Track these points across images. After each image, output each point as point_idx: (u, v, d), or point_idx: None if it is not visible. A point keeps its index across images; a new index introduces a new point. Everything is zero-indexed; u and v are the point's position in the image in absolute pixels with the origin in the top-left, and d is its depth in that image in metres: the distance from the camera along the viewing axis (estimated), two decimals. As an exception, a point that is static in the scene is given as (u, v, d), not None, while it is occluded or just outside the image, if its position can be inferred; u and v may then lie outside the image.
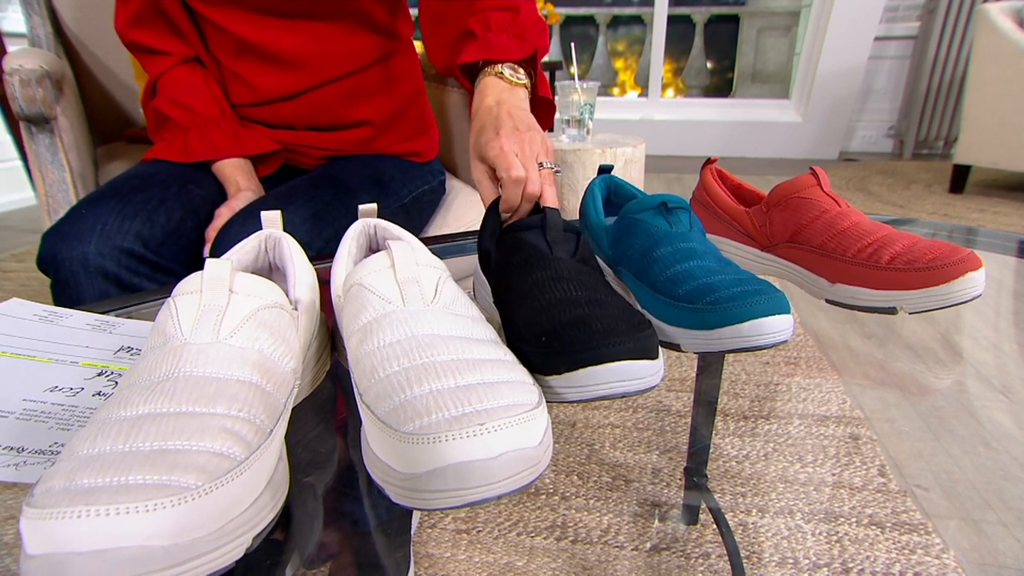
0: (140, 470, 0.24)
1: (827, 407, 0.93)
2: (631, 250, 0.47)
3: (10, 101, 0.76)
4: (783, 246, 0.53)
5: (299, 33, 0.77)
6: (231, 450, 0.26)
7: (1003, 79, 2.30)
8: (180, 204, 0.71)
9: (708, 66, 4.15)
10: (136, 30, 0.78)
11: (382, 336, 0.33)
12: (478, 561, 0.60)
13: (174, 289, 0.33)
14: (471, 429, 0.25)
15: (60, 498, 0.23)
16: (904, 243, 0.47)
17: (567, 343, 0.33)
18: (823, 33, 2.90)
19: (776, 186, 0.54)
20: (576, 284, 0.38)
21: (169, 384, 0.28)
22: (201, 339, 0.30)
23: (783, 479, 0.75)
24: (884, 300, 0.47)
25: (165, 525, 0.22)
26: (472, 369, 0.29)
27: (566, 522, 0.66)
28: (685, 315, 0.40)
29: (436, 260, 0.39)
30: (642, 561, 0.61)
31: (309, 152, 0.86)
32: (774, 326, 0.38)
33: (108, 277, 0.62)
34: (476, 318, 0.36)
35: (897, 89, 3.16)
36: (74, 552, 0.21)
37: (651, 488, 0.73)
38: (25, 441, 0.34)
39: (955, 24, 2.96)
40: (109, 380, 0.41)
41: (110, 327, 0.48)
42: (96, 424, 0.27)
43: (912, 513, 0.68)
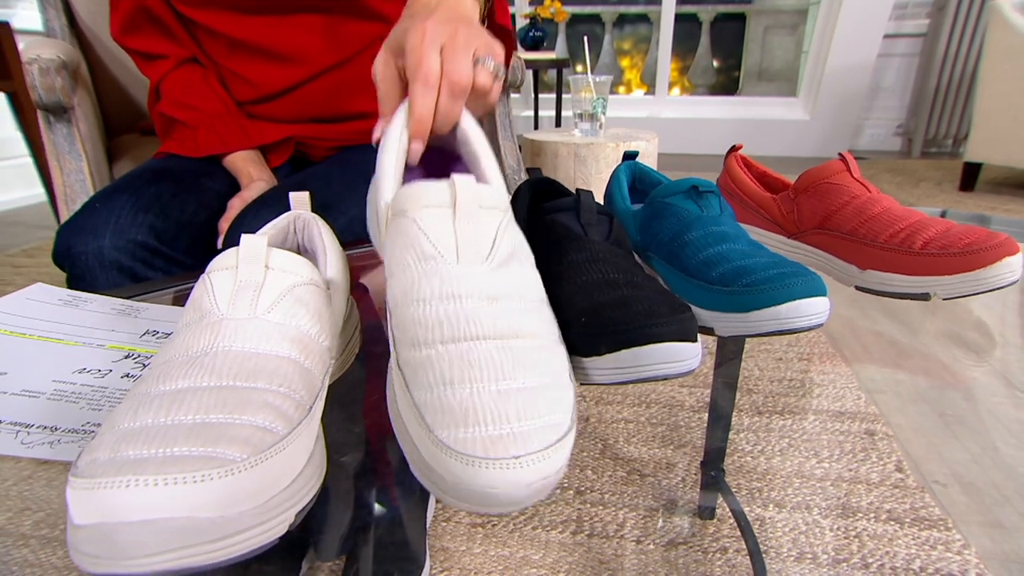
0: (185, 442, 0.23)
1: (842, 403, 0.92)
2: (661, 234, 0.46)
3: (29, 90, 0.76)
4: (811, 233, 0.53)
5: (287, 26, 0.76)
6: (273, 424, 0.26)
7: (1015, 75, 2.28)
8: (193, 197, 0.71)
9: (714, 64, 4.13)
10: (130, 36, 0.79)
11: (427, 290, 0.31)
12: (494, 555, 0.60)
13: (209, 265, 0.33)
14: (506, 461, 0.25)
15: (106, 468, 0.22)
16: (938, 228, 0.46)
17: (609, 324, 0.32)
18: (832, 30, 2.89)
19: (804, 172, 0.53)
20: (612, 266, 0.37)
21: (208, 359, 0.28)
22: (239, 314, 0.30)
23: (799, 474, 0.75)
24: (917, 286, 0.46)
25: (212, 496, 0.22)
26: (515, 365, 0.28)
27: (581, 516, 0.66)
28: (720, 298, 0.40)
29: (501, 198, 0.35)
30: (659, 556, 0.61)
31: (317, 144, 0.86)
32: (812, 308, 0.38)
33: (123, 270, 0.62)
34: (527, 272, 0.34)
35: (906, 87, 3.15)
36: (124, 522, 0.21)
37: (666, 483, 0.73)
38: (58, 421, 0.33)
39: (965, 21, 2.94)
40: (136, 363, 0.40)
41: (134, 311, 0.47)
42: (136, 398, 0.27)
43: (931, 509, 0.67)
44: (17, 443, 0.31)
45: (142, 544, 0.21)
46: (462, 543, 0.62)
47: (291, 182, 0.74)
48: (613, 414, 0.88)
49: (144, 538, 0.21)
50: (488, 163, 0.40)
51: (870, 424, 0.86)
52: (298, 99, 0.81)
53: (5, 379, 0.37)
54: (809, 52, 3.12)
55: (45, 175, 2.05)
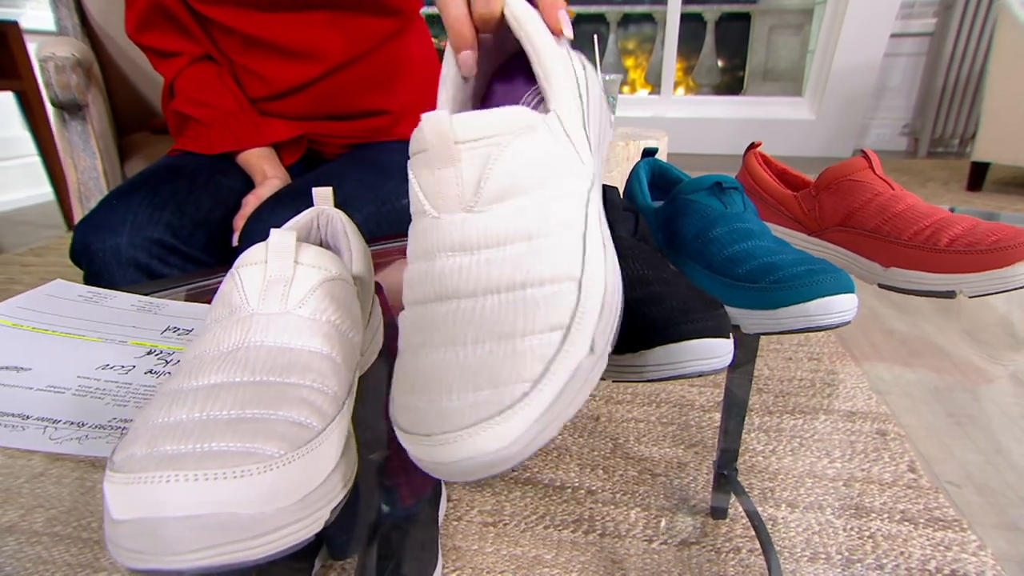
0: (222, 437, 0.23)
1: (853, 402, 0.92)
2: (684, 231, 0.46)
3: (44, 87, 0.76)
4: (833, 230, 0.52)
5: (301, 23, 0.76)
6: (308, 420, 0.25)
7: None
8: (208, 194, 0.70)
9: (719, 64, 4.13)
10: (145, 34, 0.79)
11: (413, 249, 0.30)
12: (506, 554, 0.60)
13: (237, 260, 0.32)
14: (421, 438, 0.24)
15: (145, 463, 0.22)
16: (964, 225, 0.46)
17: (643, 320, 0.32)
18: (838, 30, 2.88)
19: (826, 169, 0.53)
20: (642, 262, 0.37)
21: (240, 354, 0.28)
22: (269, 309, 0.30)
23: (811, 474, 0.74)
24: (942, 284, 0.46)
25: (253, 492, 0.22)
26: (471, 329, 0.26)
27: (593, 516, 0.66)
28: (747, 295, 0.40)
29: (492, 123, 0.29)
30: (672, 555, 0.61)
31: (331, 141, 0.86)
32: (841, 305, 0.38)
33: (140, 268, 0.62)
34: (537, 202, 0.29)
35: (912, 86, 3.14)
36: (166, 517, 0.21)
37: (678, 483, 0.72)
38: (85, 416, 0.33)
39: (973, 20, 2.93)
40: (159, 359, 0.40)
41: (155, 308, 0.47)
42: (168, 394, 0.26)
43: (945, 509, 0.67)
44: (46, 438, 0.31)
45: (184, 540, 0.21)
46: (474, 542, 0.61)
47: (306, 179, 0.74)
48: (623, 413, 0.88)
49: (186, 534, 0.21)
50: (547, 53, 0.33)
51: (882, 424, 0.85)
52: (312, 96, 0.80)
53: (30, 375, 0.36)
54: (815, 52, 3.11)
55: (53, 174, 2.05)
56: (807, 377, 1.00)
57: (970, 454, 0.81)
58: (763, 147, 0.60)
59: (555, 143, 0.30)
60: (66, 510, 0.68)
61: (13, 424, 0.32)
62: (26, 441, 0.31)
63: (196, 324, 0.45)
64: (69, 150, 0.81)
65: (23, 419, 0.32)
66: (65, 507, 0.69)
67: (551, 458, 0.75)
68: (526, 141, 0.29)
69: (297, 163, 0.83)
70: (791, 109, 3.18)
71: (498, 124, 0.29)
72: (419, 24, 0.88)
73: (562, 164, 0.30)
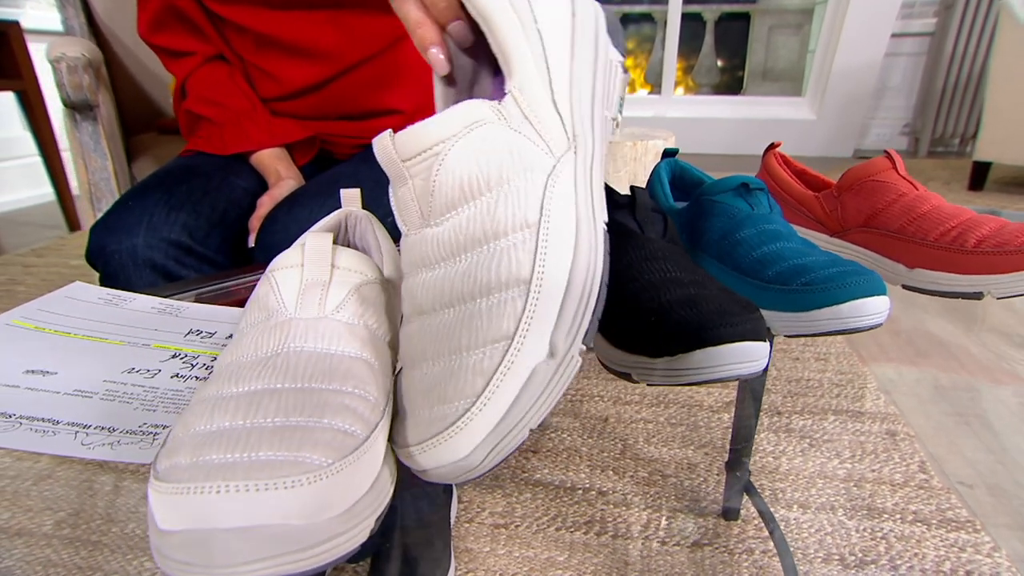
0: (269, 446, 0.23)
1: (861, 403, 0.92)
2: (710, 233, 0.45)
3: (56, 88, 0.75)
4: (856, 231, 0.52)
5: (315, 22, 0.76)
6: (352, 427, 0.25)
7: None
8: (223, 195, 0.70)
9: (719, 64, 4.13)
10: (158, 34, 0.79)
11: (402, 266, 0.31)
12: (518, 556, 0.59)
13: (271, 263, 0.32)
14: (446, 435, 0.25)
15: (193, 473, 0.22)
16: (991, 226, 0.46)
17: (680, 323, 0.32)
18: (839, 30, 2.88)
19: (848, 169, 0.53)
20: (674, 264, 0.37)
21: (280, 359, 0.27)
22: (307, 314, 0.29)
23: (822, 475, 0.74)
24: (970, 285, 0.46)
25: (303, 503, 0.21)
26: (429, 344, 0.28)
27: (604, 517, 0.65)
28: (777, 297, 0.39)
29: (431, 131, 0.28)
30: (685, 557, 0.60)
31: (343, 142, 0.85)
32: (874, 307, 0.37)
33: (156, 269, 0.61)
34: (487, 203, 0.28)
35: (912, 86, 3.14)
36: (218, 528, 0.21)
37: (688, 483, 0.72)
38: (114, 422, 0.33)
39: (973, 19, 2.93)
40: (184, 363, 0.40)
41: (175, 310, 0.47)
42: (208, 401, 0.26)
43: (958, 510, 0.67)
44: (77, 444, 0.30)
45: (236, 552, 0.21)
46: (486, 544, 0.61)
47: (321, 180, 0.73)
48: (632, 414, 0.87)
49: (237, 546, 0.21)
50: (499, 24, 0.31)
51: (891, 424, 0.85)
52: (324, 96, 0.80)
53: (56, 379, 0.36)
54: (816, 51, 3.11)
55: (54, 174, 2.04)
56: (815, 378, 1.00)
57: (980, 454, 0.81)
58: (764, 147, 0.60)
59: (507, 133, 0.28)
60: (73, 512, 0.68)
61: (44, 429, 0.31)
62: (58, 446, 0.30)
63: (219, 327, 0.44)
64: (80, 151, 0.80)
65: (53, 424, 0.32)
66: (72, 509, 0.68)
67: (561, 459, 0.74)
68: (468, 144, 0.28)
69: (309, 164, 0.83)
70: (792, 109, 3.18)
71: (438, 132, 0.28)
72: None
73: (513, 157, 0.28)
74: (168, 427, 0.33)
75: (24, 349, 0.39)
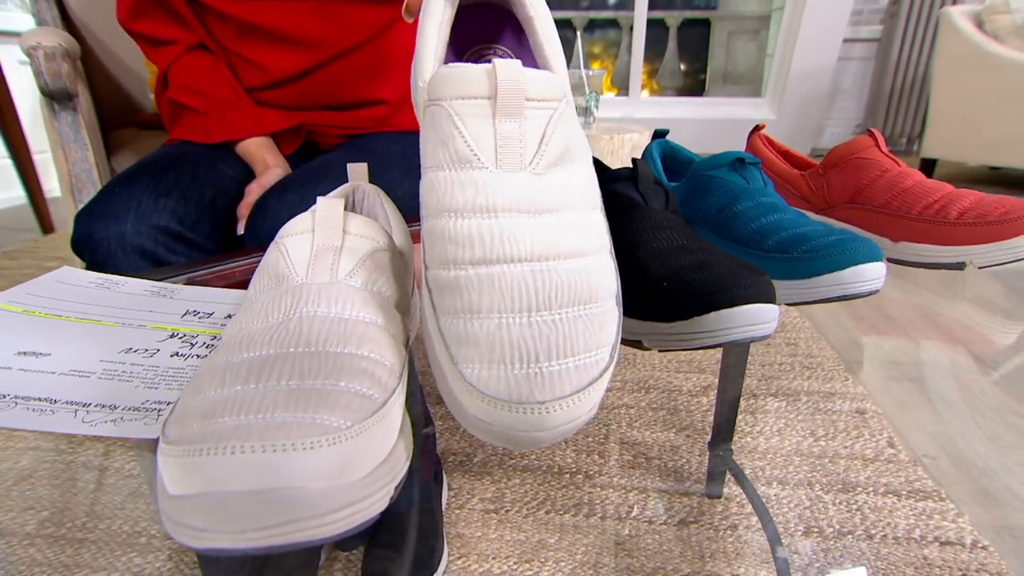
0: (284, 408, 0.21)
1: (831, 383, 0.93)
2: (707, 207, 0.45)
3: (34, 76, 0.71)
4: (841, 207, 0.52)
5: (299, 10, 0.73)
6: (370, 391, 0.23)
7: (966, 79, 2.34)
8: (211, 183, 0.67)
9: (682, 67, 4.17)
10: (138, 21, 0.75)
11: (460, 200, 0.26)
12: (510, 539, 0.58)
13: (280, 231, 0.30)
14: (531, 406, 0.22)
15: (206, 435, 0.20)
16: (971, 199, 0.46)
17: (694, 286, 0.31)
18: (796, 35, 2.93)
19: (833, 148, 0.53)
20: (680, 232, 0.36)
21: (293, 324, 0.25)
22: (319, 279, 0.27)
23: (798, 452, 0.75)
24: (952, 256, 0.46)
25: (322, 466, 0.20)
26: (552, 293, 0.25)
27: (592, 499, 0.65)
28: (778, 266, 0.39)
29: (553, 84, 0.28)
30: (672, 535, 0.60)
31: (328, 132, 0.83)
32: (873, 272, 0.37)
33: (146, 255, 0.58)
34: (579, 172, 0.28)
35: (863, 88, 3.21)
36: (231, 491, 0.19)
37: (672, 465, 0.72)
38: (115, 399, 0.30)
39: (916, 27, 3.02)
40: (183, 342, 0.37)
41: (169, 292, 0.44)
42: (218, 367, 0.24)
43: (924, 481, 0.68)
44: (78, 422, 0.28)
45: (251, 516, 0.19)
46: (477, 529, 0.60)
47: (310, 167, 0.71)
48: (614, 400, 0.87)
49: (254, 510, 0.19)
50: (544, 30, 0.32)
51: (859, 403, 0.87)
52: (308, 85, 0.77)
53: (50, 360, 0.33)
54: (774, 55, 3.16)
55: (26, 176, 1.96)
56: (786, 361, 1.01)
57: (941, 428, 0.83)
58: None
59: (574, 116, 0.30)
60: (58, 511, 0.65)
61: (41, 408, 0.29)
62: (57, 424, 0.28)
63: (217, 307, 0.42)
64: (59, 142, 0.76)
65: (51, 403, 0.29)
66: (57, 508, 0.65)
67: (546, 445, 0.74)
68: (568, 109, 0.28)
69: (294, 154, 0.80)
70: (753, 109, 3.23)
71: (560, 88, 0.28)
72: None
73: (582, 137, 0.30)
74: (171, 403, 0.30)
75: (14, 331, 0.36)
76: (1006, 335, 0.61)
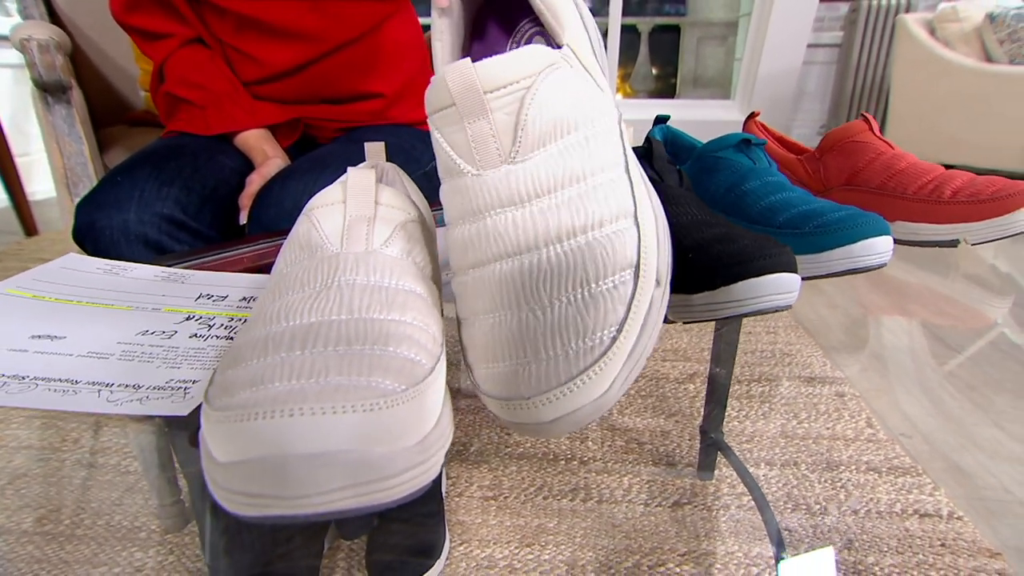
0: (338, 371, 0.20)
1: (811, 369, 0.95)
2: (715, 187, 0.44)
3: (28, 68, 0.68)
4: (839, 190, 0.52)
5: (296, 4, 0.72)
6: (419, 357, 0.22)
7: (922, 83, 2.40)
8: (212, 173, 0.65)
9: (653, 72, 4.20)
10: (133, 15, 0.72)
11: (454, 210, 0.26)
12: (510, 525, 0.58)
13: (309, 203, 0.29)
14: (519, 402, 0.22)
15: (259, 400, 0.18)
16: (963, 179, 0.46)
17: (721, 257, 0.30)
18: (763, 41, 2.97)
19: (828, 132, 0.53)
20: (697, 207, 0.35)
21: (333, 292, 0.24)
22: (355, 248, 0.26)
23: (783, 434, 0.76)
24: (947, 233, 0.46)
25: (381, 429, 0.18)
26: (539, 285, 0.24)
27: (588, 484, 0.65)
28: (790, 241, 0.38)
29: (518, 64, 0.26)
30: (667, 516, 0.60)
31: (325, 125, 0.81)
32: (882, 246, 0.37)
33: (149, 244, 0.56)
34: (580, 138, 0.27)
35: (826, 91, 3.27)
36: (292, 454, 0.17)
37: (663, 449, 0.73)
38: (139, 379, 0.29)
39: (873, 33, 3.08)
40: (200, 324, 0.36)
41: (180, 278, 0.42)
42: (257, 338, 0.23)
43: (902, 458, 0.70)
44: (103, 401, 0.26)
45: (311, 481, 0.17)
46: (477, 516, 0.60)
47: (312, 157, 0.69)
48: (604, 387, 0.87)
49: (314, 473, 0.17)
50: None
51: (838, 387, 0.88)
52: (306, 79, 0.75)
53: (66, 343, 0.32)
54: (742, 60, 3.20)
55: (8, 179, 1.89)
56: (767, 348, 1.02)
57: (914, 408, 0.84)
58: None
59: (577, 78, 0.28)
60: (55, 508, 0.63)
61: (63, 389, 0.27)
62: (81, 404, 0.26)
63: (230, 291, 0.40)
64: (54, 135, 0.73)
65: (72, 383, 0.28)
66: (54, 506, 0.63)
67: (542, 431, 0.73)
68: (554, 79, 0.26)
69: (292, 147, 0.78)
70: (723, 111, 3.27)
71: (521, 67, 0.26)
72: (409, 9, 0.84)
73: (589, 99, 0.28)
74: (197, 382, 0.29)
75: (26, 315, 0.34)
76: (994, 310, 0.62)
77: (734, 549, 0.56)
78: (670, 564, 0.53)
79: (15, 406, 0.25)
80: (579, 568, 0.53)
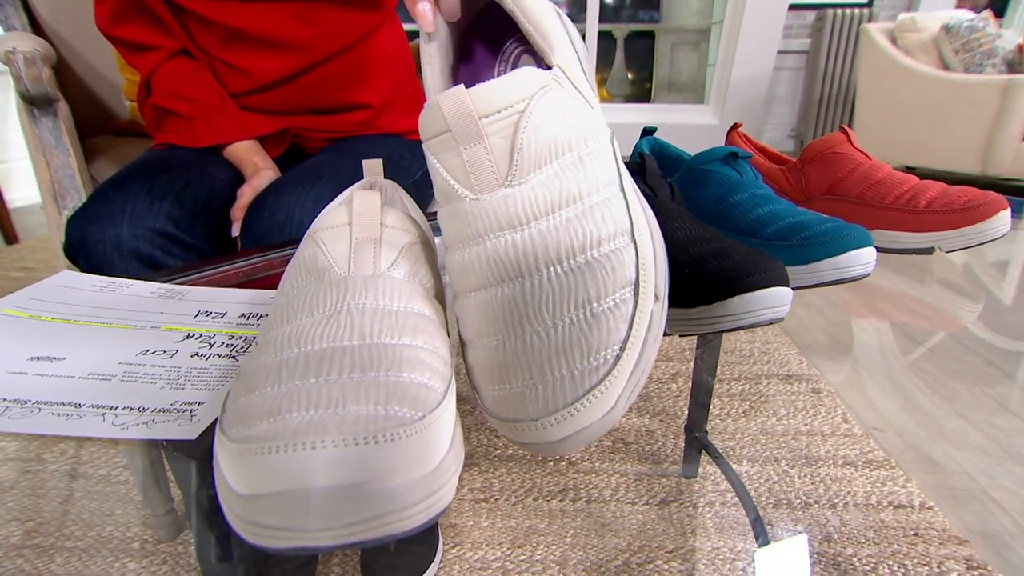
0: (355, 401, 0.19)
1: (788, 367, 0.96)
2: (704, 200, 0.45)
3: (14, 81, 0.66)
4: (820, 199, 0.53)
5: (283, 15, 0.71)
6: (431, 381, 0.22)
7: (886, 89, 2.46)
8: (203, 186, 0.64)
9: (629, 76, 4.22)
10: (119, 27, 0.70)
11: (453, 235, 0.26)
12: (501, 527, 0.58)
13: (313, 225, 0.28)
14: (526, 424, 0.23)
15: (278, 431, 0.18)
16: (937, 189, 0.47)
17: (717, 272, 0.30)
18: (734, 47, 3.01)
19: (809, 144, 0.54)
20: (690, 222, 0.36)
21: (343, 317, 0.24)
22: (363, 271, 0.26)
23: (764, 431, 0.77)
24: (923, 241, 0.47)
25: (399, 459, 0.18)
26: (542, 306, 0.24)
27: (577, 485, 0.65)
28: (779, 253, 0.39)
29: (514, 86, 0.26)
30: (654, 514, 0.61)
31: (313, 136, 0.80)
32: (866, 257, 0.38)
33: (142, 259, 0.55)
34: (579, 159, 0.26)
35: (795, 96, 3.32)
36: (315, 487, 0.17)
37: (649, 448, 0.73)
38: (143, 401, 0.28)
39: (839, 41, 3.14)
40: (201, 342, 0.35)
41: (177, 294, 0.41)
42: (269, 364, 0.22)
43: (876, 452, 0.71)
44: (108, 425, 0.26)
45: (334, 513, 0.17)
46: (469, 518, 0.59)
47: (303, 167, 0.68)
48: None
49: (336, 507, 0.17)
50: (534, 7, 0.30)
51: (814, 384, 0.90)
52: (294, 90, 0.74)
53: (66, 364, 0.31)
54: (715, 65, 3.24)
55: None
56: (746, 348, 1.03)
57: (886, 403, 0.86)
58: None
59: (568, 98, 0.27)
60: (44, 521, 0.61)
61: (67, 413, 0.26)
62: (87, 428, 0.25)
63: (229, 307, 0.39)
64: (40, 147, 0.71)
65: (76, 407, 0.27)
66: (43, 518, 0.61)
67: (529, 435, 0.73)
68: (547, 101, 0.26)
69: (279, 158, 0.77)
70: (697, 115, 3.30)
71: (515, 91, 0.26)
72: (395, 20, 0.83)
73: (582, 118, 0.27)
74: (203, 403, 0.28)
75: (23, 336, 0.33)
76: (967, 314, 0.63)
77: (719, 544, 0.56)
78: (658, 561, 0.54)
79: (19, 432, 0.25)
80: (570, 567, 0.53)
